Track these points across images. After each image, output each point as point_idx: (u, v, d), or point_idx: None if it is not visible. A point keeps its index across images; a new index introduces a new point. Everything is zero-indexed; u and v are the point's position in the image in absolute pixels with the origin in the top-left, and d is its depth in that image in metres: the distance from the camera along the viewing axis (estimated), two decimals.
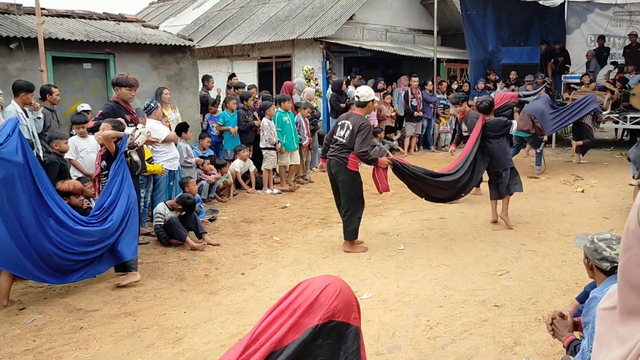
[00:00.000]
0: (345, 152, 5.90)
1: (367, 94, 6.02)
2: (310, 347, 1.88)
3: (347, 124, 5.93)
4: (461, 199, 7.57)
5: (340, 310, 1.93)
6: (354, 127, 5.84)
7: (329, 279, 2.02)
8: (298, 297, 1.97)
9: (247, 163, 9.27)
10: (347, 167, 5.92)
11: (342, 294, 1.95)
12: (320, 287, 1.96)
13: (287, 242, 6.48)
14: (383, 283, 5.09)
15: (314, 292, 1.95)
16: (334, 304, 1.92)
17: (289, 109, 9.39)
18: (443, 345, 3.88)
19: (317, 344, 1.89)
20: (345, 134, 5.90)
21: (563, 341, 2.87)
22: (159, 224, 6.32)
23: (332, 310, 1.91)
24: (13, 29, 7.93)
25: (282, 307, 1.98)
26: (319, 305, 1.91)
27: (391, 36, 16.10)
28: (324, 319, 1.90)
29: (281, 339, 1.89)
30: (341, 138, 5.94)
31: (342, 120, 6.05)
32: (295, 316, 1.92)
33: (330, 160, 6.04)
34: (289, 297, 2.01)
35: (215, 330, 4.22)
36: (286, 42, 14.39)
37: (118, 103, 5.98)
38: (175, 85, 9.72)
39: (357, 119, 5.89)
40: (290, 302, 1.97)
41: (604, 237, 2.78)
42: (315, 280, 2.03)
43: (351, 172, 5.95)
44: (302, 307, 1.92)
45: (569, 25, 15.85)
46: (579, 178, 9.58)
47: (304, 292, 1.99)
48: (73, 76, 8.82)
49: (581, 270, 5.15)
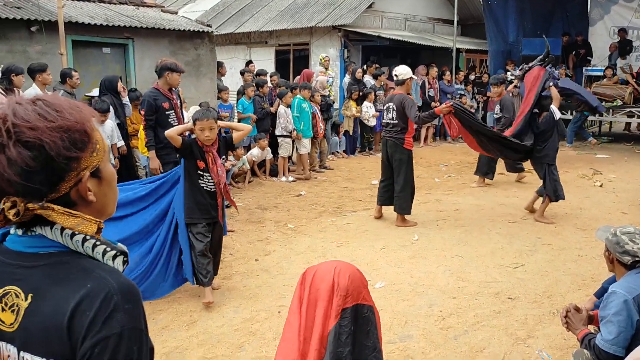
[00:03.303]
0: (400, 132, 6.41)
1: (405, 72, 6.49)
2: (341, 334, 1.90)
3: (391, 106, 6.45)
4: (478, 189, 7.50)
5: (355, 292, 1.94)
6: (398, 106, 6.34)
7: (333, 263, 2.02)
8: (312, 287, 1.97)
9: (264, 152, 9.29)
10: (404, 146, 6.41)
11: (354, 276, 1.97)
12: (330, 272, 1.96)
13: (301, 230, 6.50)
14: (397, 273, 5.08)
15: (326, 280, 1.95)
16: (350, 288, 1.93)
17: (308, 97, 9.38)
18: (455, 335, 3.88)
19: (344, 330, 1.90)
20: (393, 115, 6.42)
21: (577, 334, 2.85)
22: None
23: (350, 294, 1.92)
24: (34, 11, 8.00)
25: (306, 299, 1.97)
26: (338, 291, 1.92)
27: (410, 25, 15.95)
28: (345, 304, 1.92)
29: (323, 331, 1.91)
30: (391, 120, 6.45)
31: (387, 103, 6.59)
32: (319, 304, 1.92)
33: (388, 140, 6.55)
34: (304, 290, 1.99)
35: (228, 315, 4.26)
36: (304, 29, 14.32)
37: (157, 90, 5.83)
38: (193, 71, 9.74)
39: (399, 98, 6.39)
40: (309, 294, 1.97)
41: (627, 230, 2.74)
42: (321, 267, 2.02)
43: (407, 151, 6.45)
44: (323, 295, 1.93)
45: (592, 17, 15.55)
46: (598, 172, 9.45)
47: (314, 281, 1.98)
48: (92, 60, 8.88)
49: (597, 264, 5.11)
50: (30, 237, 1.10)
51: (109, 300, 1.02)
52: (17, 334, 1.06)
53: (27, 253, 1.09)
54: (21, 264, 1.09)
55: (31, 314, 1.05)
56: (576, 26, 15.34)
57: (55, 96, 1.12)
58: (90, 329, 1.00)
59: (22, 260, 1.09)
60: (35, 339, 1.04)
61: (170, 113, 5.81)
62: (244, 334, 3.96)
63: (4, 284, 1.08)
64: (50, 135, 1.03)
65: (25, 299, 1.05)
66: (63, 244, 1.09)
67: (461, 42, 15.27)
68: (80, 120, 1.09)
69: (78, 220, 1.08)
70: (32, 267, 1.08)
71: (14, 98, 1.11)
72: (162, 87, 5.84)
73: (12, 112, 1.05)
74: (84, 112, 1.11)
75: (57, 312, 1.02)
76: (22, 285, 1.07)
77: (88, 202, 1.11)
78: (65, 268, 1.07)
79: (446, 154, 11.84)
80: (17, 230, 1.12)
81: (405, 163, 6.44)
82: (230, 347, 3.78)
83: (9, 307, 1.06)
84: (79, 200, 1.11)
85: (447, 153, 12.02)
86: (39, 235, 1.09)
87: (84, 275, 1.05)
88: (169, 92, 5.87)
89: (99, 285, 1.04)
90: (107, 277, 1.06)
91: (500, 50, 15.06)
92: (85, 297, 1.02)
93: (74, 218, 1.08)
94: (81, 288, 1.03)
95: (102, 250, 1.09)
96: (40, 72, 6.51)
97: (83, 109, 1.11)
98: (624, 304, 2.57)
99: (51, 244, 1.09)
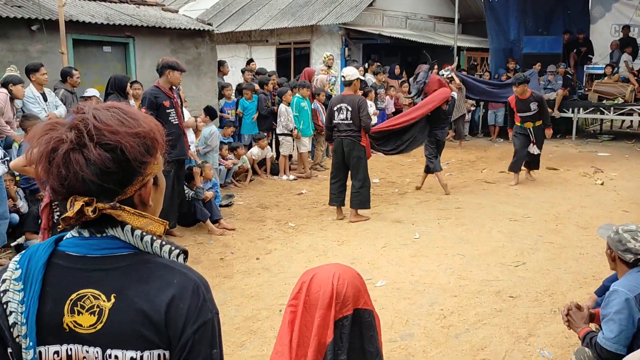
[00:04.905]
0: (355, 131, 6.54)
1: (352, 74, 6.67)
2: (342, 342, 1.86)
3: (344, 107, 6.52)
4: (478, 187, 7.50)
5: (355, 298, 1.90)
6: (353, 107, 6.46)
7: (332, 269, 1.96)
8: (310, 293, 1.92)
9: (264, 151, 9.28)
10: (361, 143, 6.57)
11: (353, 281, 1.91)
12: (329, 278, 1.91)
13: (302, 229, 6.50)
14: (398, 271, 5.08)
15: (326, 286, 1.89)
16: (350, 294, 1.88)
17: (306, 95, 9.37)
18: (457, 334, 3.88)
19: (345, 337, 1.86)
20: (347, 115, 6.51)
21: (579, 333, 2.85)
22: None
23: (350, 301, 1.88)
24: (34, 10, 8.00)
25: (301, 307, 1.93)
26: (337, 299, 1.87)
27: (411, 23, 15.94)
28: (345, 312, 1.87)
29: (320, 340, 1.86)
30: (345, 120, 6.54)
31: (337, 104, 6.61)
32: (318, 313, 1.87)
33: (343, 139, 6.59)
34: (300, 295, 1.94)
35: (229, 313, 4.26)
36: (305, 28, 14.32)
37: (158, 88, 5.81)
38: (194, 70, 9.74)
39: (352, 99, 6.53)
40: (305, 301, 1.92)
41: (629, 228, 2.74)
42: (319, 272, 1.97)
43: (363, 148, 6.61)
44: (321, 302, 1.88)
45: (593, 14, 15.53)
46: (599, 170, 9.44)
47: (311, 286, 1.92)
48: (93, 59, 8.89)
49: (598, 263, 5.10)
50: (101, 239, 1.14)
51: (197, 292, 1.13)
52: (102, 334, 1.10)
53: (99, 256, 1.13)
54: (97, 267, 1.12)
55: (118, 312, 1.09)
56: (577, 24, 15.32)
57: (127, 105, 1.20)
58: (188, 318, 1.10)
59: (97, 263, 1.13)
60: (127, 336, 1.09)
61: (170, 111, 5.81)
62: (245, 333, 3.96)
63: (75, 289, 1.11)
64: (128, 139, 1.10)
65: (108, 299, 1.10)
66: (134, 245, 1.14)
67: (462, 40, 15.26)
68: (152, 129, 1.16)
69: (147, 221, 1.15)
70: (111, 269, 1.12)
71: (88, 104, 1.16)
72: (163, 86, 5.83)
73: (92, 116, 1.11)
74: (153, 122, 1.19)
75: (150, 307, 1.09)
76: (101, 287, 1.11)
77: (146, 207, 1.19)
78: (147, 267, 1.13)
79: (447, 153, 11.82)
80: (82, 232, 1.15)
81: (363, 159, 6.63)
82: (232, 345, 3.78)
83: (86, 309, 1.10)
84: (139, 204, 1.18)
85: (448, 152, 12.00)
86: (111, 236, 1.14)
87: (167, 273, 1.13)
88: (169, 91, 5.87)
89: (185, 280, 1.13)
90: (187, 272, 1.16)
91: (501, 48, 15.04)
92: (177, 292, 1.11)
93: (143, 218, 1.14)
94: (170, 284, 1.12)
95: (168, 250, 1.17)
96: (34, 71, 6.48)
97: (150, 119, 1.19)
98: (626, 303, 2.57)
99: (123, 245, 1.14)
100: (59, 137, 1.09)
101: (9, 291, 1.12)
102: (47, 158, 1.09)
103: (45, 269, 1.12)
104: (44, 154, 1.09)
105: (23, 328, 1.10)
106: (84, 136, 1.08)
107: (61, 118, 1.17)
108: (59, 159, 1.07)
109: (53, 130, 1.10)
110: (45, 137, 1.10)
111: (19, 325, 1.11)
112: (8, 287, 1.13)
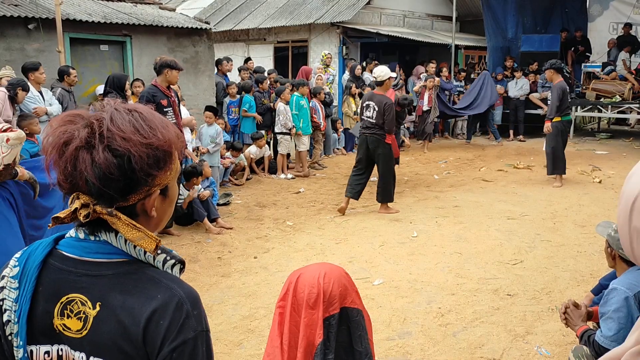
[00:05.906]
0: (379, 129, 6.71)
1: (383, 74, 6.78)
2: (329, 341, 1.84)
3: (371, 105, 6.71)
4: (476, 186, 7.49)
5: (341, 297, 1.87)
6: (379, 108, 6.62)
7: (319, 268, 1.94)
8: (296, 293, 1.89)
9: (262, 150, 9.27)
10: (385, 141, 6.74)
11: (340, 280, 1.89)
12: (314, 278, 1.88)
13: (300, 227, 6.49)
14: (395, 270, 5.08)
15: (312, 285, 1.86)
16: (337, 293, 1.86)
17: (305, 93, 9.36)
18: (454, 332, 3.88)
19: (332, 337, 1.84)
20: (372, 114, 6.70)
21: (576, 331, 2.84)
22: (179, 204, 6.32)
23: (337, 300, 1.86)
24: (31, 9, 7.97)
25: (289, 308, 1.90)
26: (324, 297, 1.85)
27: (409, 22, 15.92)
28: (331, 311, 1.85)
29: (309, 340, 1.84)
30: (370, 118, 6.73)
31: (366, 101, 6.83)
32: (305, 312, 1.85)
33: (368, 137, 6.81)
34: (288, 296, 1.92)
35: (227, 312, 4.25)
36: (303, 26, 14.29)
37: (156, 87, 5.82)
38: (192, 68, 9.73)
39: (380, 100, 6.66)
40: (292, 302, 1.89)
41: None
42: (306, 271, 1.93)
43: (388, 145, 6.78)
44: (307, 302, 1.85)
45: (591, 12, 15.53)
46: (597, 168, 9.45)
47: (298, 286, 1.89)
48: (90, 58, 8.86)
49: (596, 261, 5.11)
50: (94, 243, 1.12)
51: (180, 308, 1.08)
52: (87, 340, 1.08)
53: (91, 261, 1.11)
54: (85, 272, 1.10)
55: (101, 322, 1.07)
56: (575, 22, 15.31)
57: (150, 110, 1.16)
58: (167, 336, 1.05)
59: (86, 268, 1.10)
60: (107, 346, 1.07)
61: (168, 110, 5.80)
62: (243, 332, 3.95)
63: (66, 291, 1.10)
64: (139, 149, 1.07)
65: (93, 307, 1.08)
66: (126, 252, 1.12)
67: (460, 38, 15.24)
68: (168, 141, 1.12)
69: (140, 235, 1.09)
70: (99, 276, 1.10)
71: (112, 103, 1.13)
72: (160, 85, 5.82)
73: (109, 118, 1.08)
74: (172, 133, 1.14)
75: (130, 321, 1.06)
76: (88, 294, 1.09)
77: (148, 217, 1.15)
78: (133, 279, 1.09)
79: (445, 151, 11.84)
80: (78, 233, 1.13)
81: (388, 156, 6.81)
82: (229, 344, 3.77)
83: (74, 314, 1.09)
84: (142, 213, 1.14)
85: (446, 150, 12.02)
86: (104, 241, 1.11)
87: (152, 286, 1.09)
88: (167, 90, 5.86)
89: (169, 295, 1.08)
90: (174, 286, 1.11)
91: (499, 46, 15.04)
92: (158, 307, 1.07)
93: (137, 231, 1.09)
94: (152, 298, 1.07)
95: (162, 259, 1.14)
96: (33, 70, 6.47)
97: (171, 129, 1.15)
98: (625, 301, 2.56)
99: (115, 251, 1.11)
100: (73, 132, 1.07)
101: (5, 288, 1.12)
102: (58, 151, 1.07)
103: (40, 269, 1.11)
104: (57, 146, 1.07)
105: (15, 327, 1.10)
106: (95, 137, 1.06)
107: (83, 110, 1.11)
108: (69, 154, 1.06)
109: (71, 123, 1.09)
110: (61, 128, 1.08)
111: (11, 323, 1.10)
112: (5, 285, 1.12)
